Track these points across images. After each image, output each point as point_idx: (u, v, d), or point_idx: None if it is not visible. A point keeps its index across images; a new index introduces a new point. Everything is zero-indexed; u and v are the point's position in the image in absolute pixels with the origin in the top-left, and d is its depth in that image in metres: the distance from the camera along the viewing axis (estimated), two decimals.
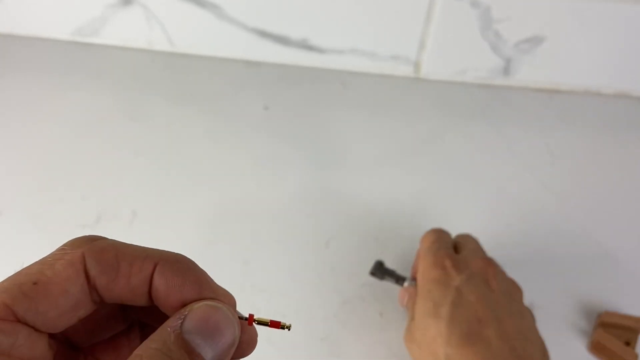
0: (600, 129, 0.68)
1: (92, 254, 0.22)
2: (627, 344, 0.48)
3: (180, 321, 0.21)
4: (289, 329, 0.24)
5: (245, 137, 0.65)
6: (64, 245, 0.23)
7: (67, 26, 0.73)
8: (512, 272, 0.47)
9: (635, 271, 0.55)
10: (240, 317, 0.23)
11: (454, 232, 0.51)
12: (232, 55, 0.73)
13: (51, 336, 0.22)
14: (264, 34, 0.71)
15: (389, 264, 0.52)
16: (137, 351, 0.20)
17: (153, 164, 0.62)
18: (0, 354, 0.20)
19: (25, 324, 0.21)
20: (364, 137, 0.66)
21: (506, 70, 0.71)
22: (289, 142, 0.65)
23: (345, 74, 0.72)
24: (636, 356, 0.47)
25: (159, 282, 0.22)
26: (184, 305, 0.22)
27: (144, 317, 0.26)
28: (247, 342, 0.24)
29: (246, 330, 0.23)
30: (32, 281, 0.21)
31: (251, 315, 0.23)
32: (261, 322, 0.23)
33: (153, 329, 0.22)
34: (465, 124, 0.68)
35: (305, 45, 0.71)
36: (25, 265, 0.22)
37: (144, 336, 0.27)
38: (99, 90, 0.69)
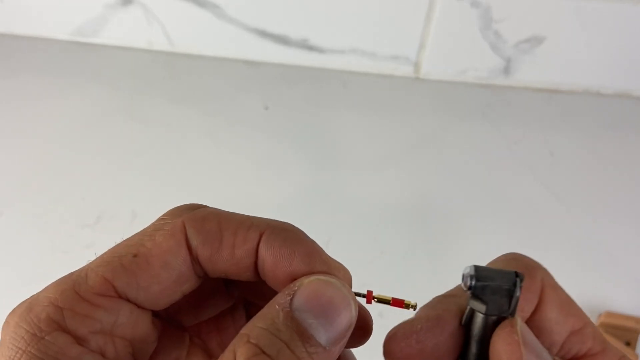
0: (600, 128, 0.68)
1: (193, 223, 0.20)
2: (628, 344, 0.48)
3: (289, 297, 0.18)
4: (414, 309, 0.21)
5: (245, 137, 0.65)
6: (164, 214, 0.21)
7: (67, 26, 0.73)
8: None
9: (635, 271, 0.55)
10: (357, 294, 0.20)
11: (453, 232, 0.51)
12: (232, 55, 0.73)
13: (154, 314, 0.21)
14: (264, 34, 0.71)
15: (389, 264, 0.52)
16: (243, 330, 0.18)
17: (153, 164, 0.62)
18: (101, 333, 0.18)
19: (127, 299, 0.19)
20: (364, 137, 0.66)
21: (506, 70, 0.71)
22: (289, 142, 0.65)
23: (345, 74, 0.72)
24: (637, 357, 0.47)
25: (265, 253, 0.20)
26: (293, 279, 0.19)
27: (249, 295, 0.24)
28: (362, 329, 0.21)
29: (361, 312, 0.20)
30: (132, 253, 0.19)
31: (369, 292, 0.20)
32: (382, 300, 0.20)
33: (259, 308, 0.20)
34: (465, 124, 0.68)
35: (305, 45, 0.71)
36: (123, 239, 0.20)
37: (249, 316, 0.25)
38: (99, 90, 0.69)
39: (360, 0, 0.67)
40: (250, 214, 0.22)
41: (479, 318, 0.20)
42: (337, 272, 0.20)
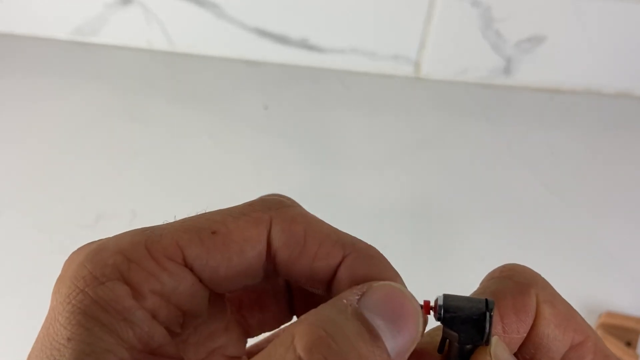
0: (601, 128, 0.68)
1: (281, 221, 0.20)
2: (628, 344, 0.48)
3: (357, 297, 0.17)
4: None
5: (245, 136, 0.65)
6: (254, 200, 0.21)
7: (66, 26, 0.73)
8: None
9: (635, 271, 0.55)
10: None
11: (453, 232, 0.51)
12: (231, 55, 0.73)
13: (211, 292, 0.20)
14: (263, 34, 0.71)
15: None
16: (306, 316, 0.17)
17: (153, 164, 0.62)
18: (160, 295, 0.18)
19: (192, 271, 0.19)
20: (364, 137, 0.66)
21: (507, 70, 0.71)
22: (288, 141, 0.65)
23: (345, 74, 0.72)
24: (637, 357, 0.47)
25: (345, 275, 0.19)
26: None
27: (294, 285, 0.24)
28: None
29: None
30: (212, 229, 0.19)
31: (427, 303, 0.19)
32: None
33: (304, 299, 0.19)
34: (466, 124, 0.68)
35: (305, 45, 0.71)
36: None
37: (291, 303, 0.24)
38: (98, 90, 0.69)
39: (361, 0, 0.67)
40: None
41: (454, 347, 0.19)
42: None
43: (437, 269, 0.54)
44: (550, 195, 0.61)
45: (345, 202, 0.59)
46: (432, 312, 0.19)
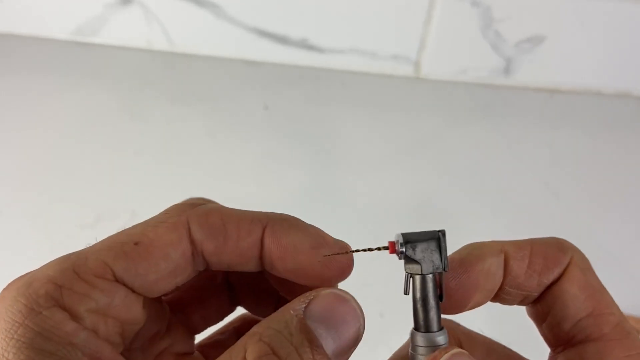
0: (601, 128, 0.68)
1: (197, 218, 0.21)
2: None
3: (304, 305, 0.19)
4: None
5: (245, 136, 0.65)
6: (168, 209, 0.22)
7: (66, 26, 0.73)
8: None
9: (635, 271, 0.55)
10: (378, 248, 0.22)
11: (453, 232, 0.51)
12: (231, 55, 0.73)
13: (145, 298, 0.21)
14: (263, 34, 0.71)
15: (389, 263, 0.52)
16: (255, 329, 0.19)
17: (153, 164, 0.62)
18: (96, 312, 0.19)
19: (123, 284, 0.20)
20: (364, 136, 0.66)
21: (507, 70, 0.71)
22: (288, 141, 0.65)
23: (345, 74, 0.72)
24: None
25: (271, 244, 0.21)
26: (301, 268, 0.21)
27: (232, 277, 0.25)
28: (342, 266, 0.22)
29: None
30: (133, 241, 0.20)
31: (391, 243, 0.22)
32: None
33: (244, 289, 0.21)
34: (466, 124, 0.68)
35: (305, 45, 0.71)
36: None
37: (232, 295, 0.26)
38: (98, 90, 0.69)
39: (360, 0, 0.67)
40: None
41: (417, 280, 0.21)
42: (339, 249, 0.21)
43: None
44: (550, 195, 0.61)
45: (345, 202, 0.59)
46: (396, 252, 0.21)
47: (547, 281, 0.21)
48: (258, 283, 0.25)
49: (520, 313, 0.24)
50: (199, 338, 0.26)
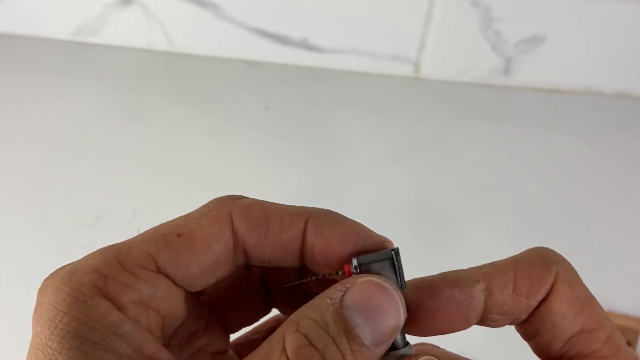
0: (601, 128, 0.68)
1: (239, 210, 0.21)
2: (628, 344, 0.48)
3: (341, 294, 0.19)
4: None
5: (245, 137, 0.65)
6: (209, 202, 0.22)
7: (66, 26, 0.73)
8: None
9: (635, 271, 0.55)
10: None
11: (453, 232, 0.51)
12: (231, 55, 0.73)
13: (186, 293, 0.21)
14: (263, 34, 0.71)
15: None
16: (292, 317, 0.19)
17: (153, 164, 0.62)
18: (139, 304, 0.19)
19: (166, 275, 0.20)
20: (364, 137, 0.66)
21: (506, 70, 0.71)
22: (289, 142, 0.65)
23: (345, 74, 0.72)
24: (636, 357, 0.47)
25: (313, 237, 0.21)
26: (343, 262, 0.21)
27: (269, 278, 0.25)
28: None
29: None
30: (176, 233, 0.20)
31: (347, 267, 0.21)
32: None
33: (279, 291, 0.21)
34: (466, 124, 0.68)
35: (305, 45, 0.71)
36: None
37: (267, 297, 0.26)
38: (98, 90, 0.69)
39: (360, 0, 0.67)
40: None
41: None
42: (383, 244, 0.21)
43: (436, 269, 0.54)
44: (550, 195, 0.61)
45: (345, 202, 0.59)
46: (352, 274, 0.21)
47: (535, 303, 0.21)
48: (295, 288, 0.25)
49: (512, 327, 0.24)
50: (233, 337, 0.26)
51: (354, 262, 0.21)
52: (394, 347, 0.21)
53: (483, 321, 0.21)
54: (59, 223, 0.56)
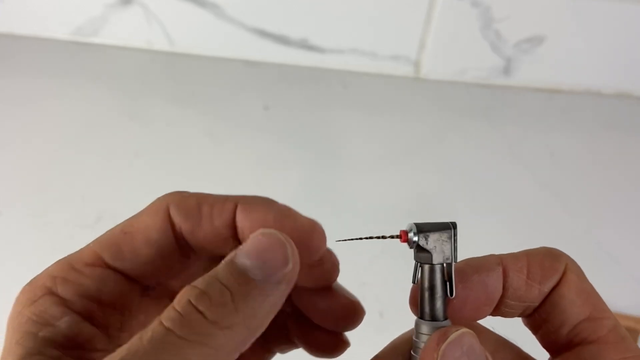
0: (601, 128, 0.68)
1: (175, 202, 0.22)
2: None
3: (235, 251, 0.20)
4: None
5: (245, 137, 0.65)
6: (155, 200, 0.23)
7: (66, 26, 0.73)
8: None
9: (635, 271, 0.55)
10: (391, 237, 0.22)
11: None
12: (231, 55, 0.73)
13: (135, 281, 0.23)
14: (263, 34, 0.71)
15: (389, 264, 0.52)
16: (193, 283, 0.20)
17: (153, 164, 0.62)
18: (88, 298, 0.21)
19: (115, 270, 0.22)
20: (364, 137, 0.66)
21: (506, 70, 0.71)
22: (289, 142, 0.65)
23: (345, 74, 0.72)
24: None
25: (243, 221, 0.22)
26: None
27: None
28: (350, 311, 0.25)
29: (354, 302, 0.24)
30: (122, 231, 0.22)
31: (403, 232, 0.22)
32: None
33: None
34: (466, 124, 0.68)
35: (305, 45, 0.71)
36: None
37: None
38: (98, 90, 0.69)
39: (360, 0, 0.67)
40: None
41: (427, 269, 0.22)
42: (307, 226, 0.22)
43: None
44: (550, 195, 0.61)
45: (345, 202, 0.59)
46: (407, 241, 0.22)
47: (547, 290, 0.22)
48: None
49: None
50: None
51: (413, 227, 0.22)
52: (434, 318, 0.21)
53: (498, 308, 0.22)
54: (59, 223, 0.56)
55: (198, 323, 0.18)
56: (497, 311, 0.22)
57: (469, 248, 0.61)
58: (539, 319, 0.22)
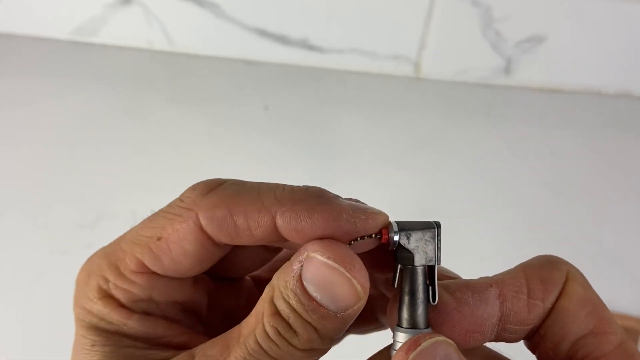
0: (602, 128, 0.68)
1: (204, 213, 0.21)
2: None
3: (300, 265, 0.19)
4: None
5: (245, 137, 0.65)
6: (182, 196, 0.23)
7: (66, 26, 0.73)
8: None
9: (635, 271, 0.55)
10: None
11: (453, 232, 0.51)
12: (231, 55, 0.73)
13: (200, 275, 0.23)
14: (263, 34, 0.70)
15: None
16: (267, 288, 0.20)
17: (152, 164, 0.62)
18: (143, 300, 0.22)
19: (159, 275, 0.22)
20: (364, 136, 0.66)
21: (507, 70, 0.71)
22: (288, 141, 0.65)
23: (345, 73, 0.72)
24: None
25: (285, 230, 0.20)
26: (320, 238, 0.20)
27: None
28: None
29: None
30: (156, 236, 0.22)
31: (384, 230, 0.20)
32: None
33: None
34: (466, 124, 0.68)
35: (305, 45, 0.71)
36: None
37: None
38: (98, 90, 0.69)
39: (360, 0, 0.67)
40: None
41: (407, 271, 0.20)
42: (374, 227, 0.20)
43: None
44: (550, 194, 0.61)
45: None
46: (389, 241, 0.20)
47: (551, 305, 0.20)
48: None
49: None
50: None
51: (394, 226, 0.20)
52: (414, 326, 0.19)
53: (500, 334, 0.20)
54: (59, 223, 0.56)
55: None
56: (500, 336, 0.20)
57: (469, 248, 0.62)
58: (536, 335, 0.20)
